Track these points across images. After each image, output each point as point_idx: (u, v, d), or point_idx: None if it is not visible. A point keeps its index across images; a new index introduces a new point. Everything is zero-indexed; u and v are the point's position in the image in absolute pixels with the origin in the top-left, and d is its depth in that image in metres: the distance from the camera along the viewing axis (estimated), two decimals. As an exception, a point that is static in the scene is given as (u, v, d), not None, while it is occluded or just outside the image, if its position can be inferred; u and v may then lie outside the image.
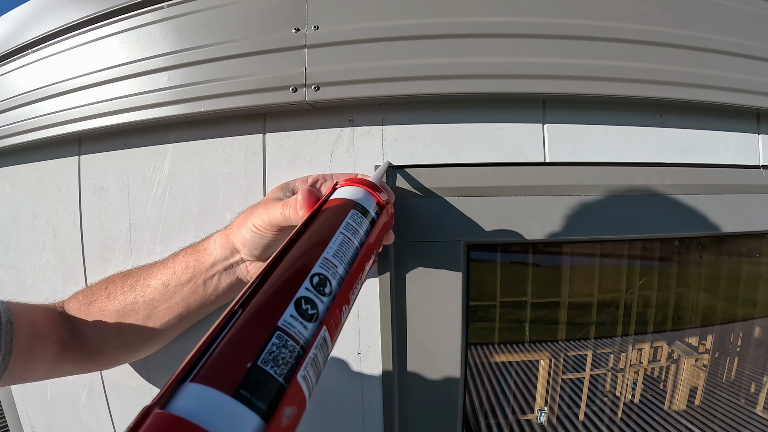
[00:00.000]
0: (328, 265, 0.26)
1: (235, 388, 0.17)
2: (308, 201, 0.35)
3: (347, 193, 0.35)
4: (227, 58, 0.48)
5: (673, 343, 0.80)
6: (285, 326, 0.21)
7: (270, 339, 0.20)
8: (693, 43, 0.49)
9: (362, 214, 0.33)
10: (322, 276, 0.25)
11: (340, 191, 0.35)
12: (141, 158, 0.57)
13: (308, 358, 0.21)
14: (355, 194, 0.35)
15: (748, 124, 0.55)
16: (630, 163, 0.52)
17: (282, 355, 0.20)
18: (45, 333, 0.42)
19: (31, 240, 0.65)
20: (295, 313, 0.22)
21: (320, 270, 0.26)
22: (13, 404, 0.76)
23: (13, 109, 0.62)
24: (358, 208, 0.33)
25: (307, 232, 0.29)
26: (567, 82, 0.46)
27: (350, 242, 0.29)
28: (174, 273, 0.43)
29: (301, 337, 0.21)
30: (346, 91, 0.46)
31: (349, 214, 0.32)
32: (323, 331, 0.23)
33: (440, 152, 0.51)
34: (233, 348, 0.19)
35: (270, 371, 0.19)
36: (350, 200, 0.34)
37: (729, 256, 0.76)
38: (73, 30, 0.57)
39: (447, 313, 0.50)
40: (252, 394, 0.18)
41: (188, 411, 0.16)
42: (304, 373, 0.20)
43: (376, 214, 0.35)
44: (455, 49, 0.46)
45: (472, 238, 0.49)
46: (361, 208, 0.33)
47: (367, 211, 0.34)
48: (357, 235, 0.30)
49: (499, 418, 0.73)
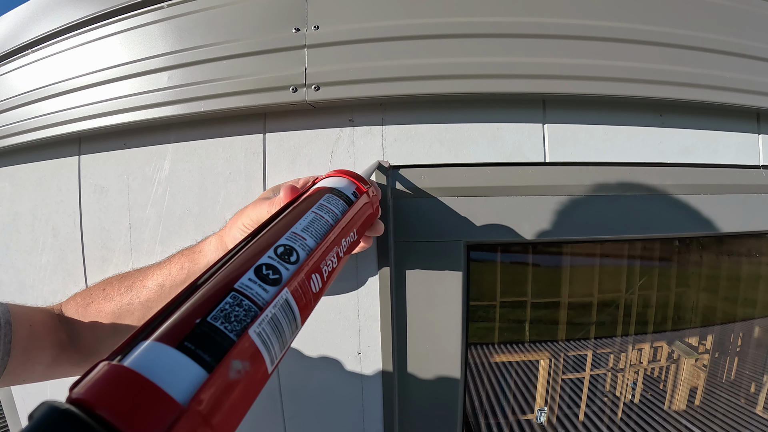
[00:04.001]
0: (296, 238, 0.28)
1: (180, 341, 0.18)
2: (289, 195, 0.36)
3: (326, 182, 0.37)
4: (227, 58, 0.48)
5: (673, 343, 0.80)
6: (241, 288, 0.22)
7: (224, 299, 0.21)
8: (693, 43, 0.49)
9: (338, 196, 0.34)
10: (288, 246, 0.26)
11: (321, 182, 0.37)
12: (141, 158, 0.57)
13: (264, 315, 0.21)
14: (333, 182, 0.36)
15: (748, 124, 0.56)
16: (630, 163, 0.52)
17: (235, 313, 0.20)
18: (43, 335, 0.42)
19: (31, 240, 0.65)
20: (254, 276, 0.23)
21: (286, 242, 0.27)
22: (13, 404, 0.76)
23: (13, 109, 0.62)
24: (334, 192, 0.35)
25: (281, 216, 0.31)
26: (567, 82, 0.46)
27: (322, 218, 0.31)
28: (169, 274, 0.43)
29: (260, 298, 0.22)
30: (346, 91, 0.46)
31: (324, 197, 0.33)
32: (285, 294, 0.23)
33: (440, 152, 0.51)
34: (187, 309, 0.20)
35: (220, 326, 0.19)
36: (327, 187, 0.35)
37: (729, 256, 0.76)
38: (73, 30, 0.57)
39: (447, 313, 0.50)
40: (197, 346, 0.18)
41: (133, 362, 0.17)
42: (259, 329, 0.21)
43: (354, 196, 0.36)
44: (455, 49, 0.46)
45: (472, 238, 0.49)
46: (337, 192, 0.35)
47: (344, 194, 0.35)
48: (330, 213, 0.32)
49: (499, 418, 0.73)
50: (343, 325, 0.53)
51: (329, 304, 0.52)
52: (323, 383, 0.54)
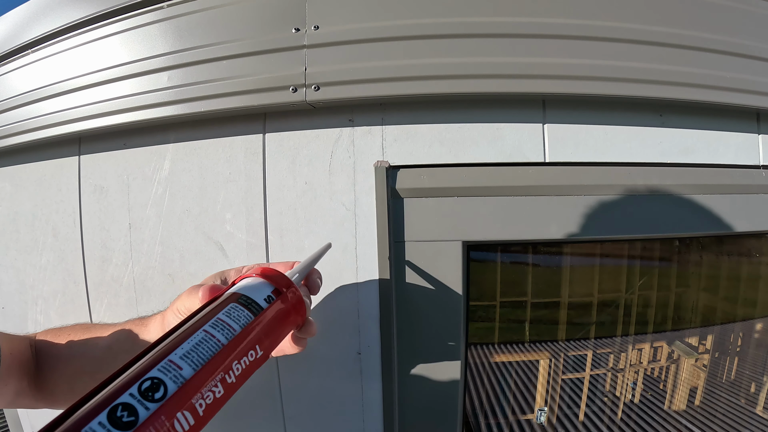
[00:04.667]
0: (170, 368, 0.25)
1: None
2: (206, 297, 0.35)
3: (239, 286, 0.33)
4: (227, 58, 0.48)
5: (673, 343, 0.80)
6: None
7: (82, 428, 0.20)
8: (693, 43, 0.49)
9: (244, 306, 0.31)
10: (157, 380, 0.24)
11: (238, 285, 0.34)
12: (141, 158, 0.57)
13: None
14: (246, 286, 0.33)
15: (748, 124, 0.55)
16: (630, 163, 0.52)
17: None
18: (20, 364, 0.43)
19: (31, 240, 0.65)
20: (105, 420, 0.21)
21: (157, 373, 0.24)
22: (13, 404, 0.76)
23: (13, 109, 0.62)
24: (240, 301, 0.31)
25: (179, 330, 0.28)
26: (567, 82, 0.46)
27: (212, 339, 0.28)
28: (117, 340, 0.44)
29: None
30: (346, 91, 0.46)
31: (225, 309, 0.30)
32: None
33: (440, 152, 0.51)
34: (81, 412, 0.21)
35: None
36: (235, 293, 0.32)
37: (729, 256, 0.76)
38: (73, 30, 0.57)
39: (447, 313, 0.50)
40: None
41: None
42: None
43: (267, 301, 0.32)
44: (455, 49, 0.46)
45: (472, 238, 0.49)
46: (245, 299, 0.31)
47: (253, 301, 0.32)
48: (226, 330, 0.29)
49: (499, 418, 0.73)
50: (343, 325, 0.53)
51: (329, 305, 0.52)
52: (323, 383, 0.54)
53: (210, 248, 0.55)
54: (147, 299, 0.58)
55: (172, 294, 0.56)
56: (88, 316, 0.62)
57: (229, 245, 0.54)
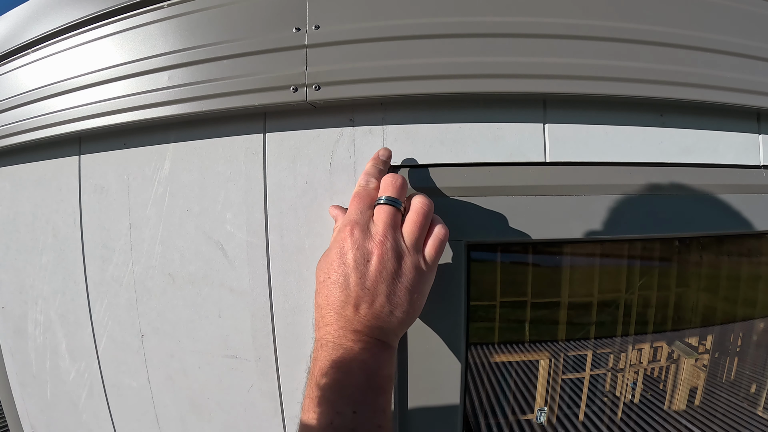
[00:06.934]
0: None
1: None
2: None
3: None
4: (227, 57, 0.48)
5: (673, 343, 0.80)
6: None
7: None
8: (693, 43, 0.49)
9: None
10: None
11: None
12: (141, 158, 0.57)
13: None
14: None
15: (748, 124, 0.56)
16: (630, 163, 0.52)
17: None
18: None
19: (31, 240, 0.65)
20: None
21: None
22: (13, 404, 0.76)
23: (13, 108, 0.62)
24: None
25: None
26: (567, 82, 0.46)
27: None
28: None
29: None
30: (347, 90, 0.46)
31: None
32: None
33: (441, 152, 0.51)
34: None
35: None
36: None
37: (729, 256, 0.76)
38: (73, 30, 0.57)
39: (447, 313, 0.50)
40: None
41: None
42: None
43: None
44: (455, 49, 0.46)
45: (472, 238, 0.49)
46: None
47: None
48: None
49: (499, 418, 0.73)
50: (343, 325, 0.52)
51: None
52: (323, 383, 0.54)
53: (210, 248, 0.55)
54: (147, 299, 0.58)
55: (172, 294, 0.56)
56: (88, 316, 0.62)
57: (229, 245, 0.54)
